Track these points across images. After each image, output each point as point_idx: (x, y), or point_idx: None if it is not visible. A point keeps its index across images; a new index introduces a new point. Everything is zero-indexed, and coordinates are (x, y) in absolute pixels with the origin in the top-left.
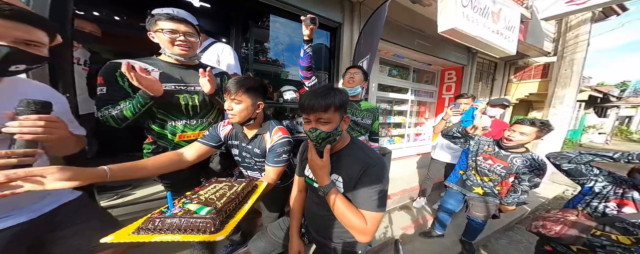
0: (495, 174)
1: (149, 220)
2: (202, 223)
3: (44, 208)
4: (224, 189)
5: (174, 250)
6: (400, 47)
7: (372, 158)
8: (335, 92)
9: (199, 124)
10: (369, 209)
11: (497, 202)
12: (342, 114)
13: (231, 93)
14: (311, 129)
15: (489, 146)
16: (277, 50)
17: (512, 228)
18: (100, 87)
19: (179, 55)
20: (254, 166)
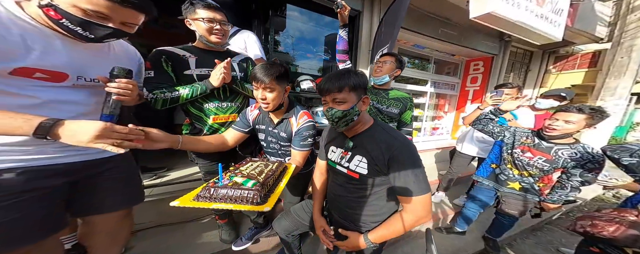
0: (535, 169)
1: (205, 189)
2: (249, 194)
3: (100, 154)
4: (261, 166)
5: (204, 229)
6: (423, 37)
7: (398, 139)
8: (351, 74)
9: (229, 108)
10: (414, 195)
11: (536, 199)
12: (360, 95)
13: (263, 82)
14: (328, 109)
15: (527, 137)
16: (294, 40)
17: (541, 228)
18: (148, 71)
19: (214, 43)
20: (278, 151)
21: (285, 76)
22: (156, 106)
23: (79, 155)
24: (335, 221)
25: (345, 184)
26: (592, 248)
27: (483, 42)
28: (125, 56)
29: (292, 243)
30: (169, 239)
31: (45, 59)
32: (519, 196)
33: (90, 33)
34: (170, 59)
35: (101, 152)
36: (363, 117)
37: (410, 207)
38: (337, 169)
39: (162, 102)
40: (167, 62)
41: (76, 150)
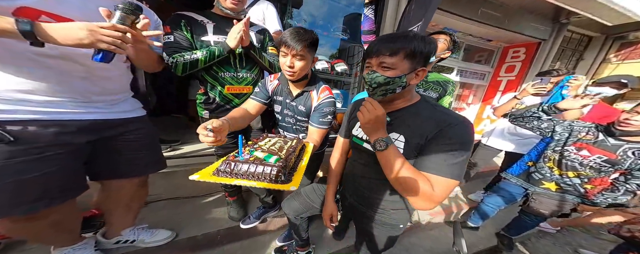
0: (590, 169)
1: (226, 163)
2: (273, 171)
3: (124, 114)
4: (280, 142)
5: (214, 206)
6: (458, 18)
7: (454, 117)
8: (414, 37)
9: (244, 78)
10: (441, 174)
11: (576, 201)
12: (415, 65)
13: (294, 48)
14: (369, 72)
15: (589, 132)
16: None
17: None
18: (168, 35)
19: (230, 9)
20: (293, 126)
21: (315, 44)
22: (177, 71)
23: (100, 112)
24: (349, 205)
25: (372, 164)
26: (631, 253)
27: (532, 25)
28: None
29: (300, 225)
30: (180, 212)
31: (54, 4)
32: (556, 197)
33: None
34: (190, 23)
35: (122, 112)
36: (409, 92)
37: (428, 181)
38: (362, 147)
39: (182, 66)
40: (186, 27)
41: (96, 107)
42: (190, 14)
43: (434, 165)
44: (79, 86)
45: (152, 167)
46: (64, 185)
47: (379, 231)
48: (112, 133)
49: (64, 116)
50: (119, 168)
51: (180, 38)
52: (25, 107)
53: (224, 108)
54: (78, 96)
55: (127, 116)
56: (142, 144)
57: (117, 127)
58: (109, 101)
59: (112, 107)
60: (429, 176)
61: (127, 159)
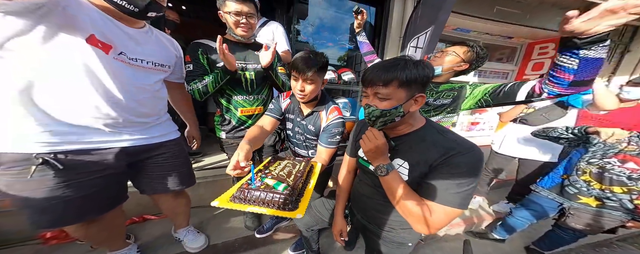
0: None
1: (240, 190)
2: (281, 199)
3: (159, 138)
4: (289, 166)
5: (232, 215)
6: (470, 18)
7: (461, 144)
8: (407, 64)
9: (255, 100)
10: (441, 202)
11: (625, 218)
12: (412, 93)
13: (304, 73)
14: (366, 105)
15: (631, 141)
16: (316, 28)
17: (608, 244)
18: (188, 64)
19: (240, 36)
20: (302, 143)
21: (325, 67)
22: (196, 97)
23: (135, 139)
24: (358, 222)
25: (377, 187)
26: None
27: (558, 19)
28: (168, 43)
29: (310, 237)
30: (202, 220)
31: (102, 31)
32: (597, 212)
33: (133, 5)
34: (206, 51)
35: (157, 136)
36: (411, 118)
37: (427, 207)
38: (368, 169)
39: (197, 92)
40: (203, 55)
41: (131, 133)
42: (206, 41)
43: (436, 193)
44: (117, 114)
45: (183, 184)
46: (106, 200)
47: (388, 248)
48: (146, 156)
49: (108, 145)
50: (153, 185)
51: (197, 66)
52: (71, 138)
53: (239, 129)
54: (116, 123)
55: (161, 140)
56: (173, 164)
57: (150, 151)
58: (142, 125)
59: (146, 131)
60: (430, 204)
61: (161, 177)
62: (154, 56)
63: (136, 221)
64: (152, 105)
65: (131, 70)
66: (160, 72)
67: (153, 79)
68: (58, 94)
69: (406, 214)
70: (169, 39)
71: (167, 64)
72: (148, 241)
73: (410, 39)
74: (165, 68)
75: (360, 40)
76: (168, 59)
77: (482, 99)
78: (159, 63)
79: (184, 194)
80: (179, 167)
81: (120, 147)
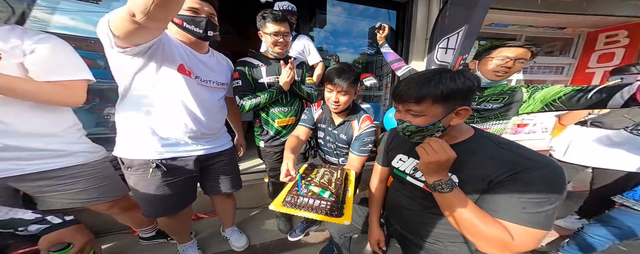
0: None
1: (290, 195)
2: (328, 205)
3: (221, 147)
4: (328, 174)
5: (267, 217)
6: (509, 13)
7: (532, 159)
8: (442, 78)
9: (289, 111)
10: (518, 222)
11: None
12: (452, 107)
13: (340, 86)
14: (399, 120)
15: None
16: (336, 35)
17: None
18: (236, 80)
19: (278, 53)
20: (333, 151)
21: (358, 79)
22: (243, 110)
23: (206, 148)
24: (395, 231)
25: (419, 199)
26: None
27: (628, 3)
28: (224, 63)
29: (342, 244)
30: (242, 222)
31: (185, 60)
32: None
33: (198, 27)
34: (251, 68)
35: (219, 146)
36: (454, 131)
37: (502, 228)
38: (406, 180)
39: (248, 107)
40: (249, 71)
41: (203, 143)
42: (249, 59)
43: (510, 212)
44: (197, 128)
45: (234, 187)
46: (187, 197)
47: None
48: (211, 162)
49: (190, 153)
50: (213, 187)
51: (245, 82)
52: (170, 148)
53: (276, 138)
54: (196, 136)
55: (222, 148)
56: (229, 169)
57: (214, 158)
58: (212, 136)
59: (214, 141)
60: (508, 225)
61: (219, 180)
62: (218, 76)
63: (193, 219)
64: (219, 119)
65: (205, 90)
66: (222, 90)
67: (218, 96)
68: (163, 113)
69: (475, 236)
70: (225, 58)
71: (226, 82)
72: (203, 237)
73: (440, 40)
74: (226, 86)
75: (384, 51)
76: (227, 77)
77: (553, 104)
78: (221, 82)
79: (232, 196)
80: (232, 172)
81: (197, 155)
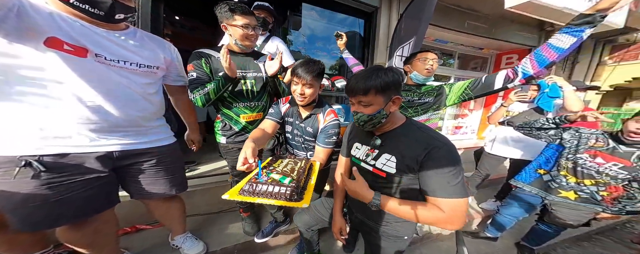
0: (606, 176)
1: (249, 183)
2: (288, 191)
3: (151, 144)
4: (291, 164)
5: (230, 221)
6: (446, 31)
7: (439, 139)
8: (381, 73)
9: (257, 106)
10: (448, 196)
11: (597, 209)
12: (389, 96)
13: (304, 79)
14: (354, 112)
15: (598, 139)
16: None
17: (588, 238)
18: (191, 73)
19: (247, 46)
20: (301, 145)
21: (322, 73)
22: (198, 104)
23: (121, 144)
24: (356, 218)
25: (370, 182)
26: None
27: (518, 34)
28: (156, 44)
29: (311, 237)
30: (199, 227)
31: (69, 35)
32: (575, 206)
33: (96, 9)
34: (209, 60)
35: (139, 143)
36: (393, 117)
37: (436, 206)
38: (361, 167)
39: (200, 100)
40: (206, 64)
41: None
42: (208, 51)
43: (438, 187)
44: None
45: (174, 188)
46: (97, 201)
47: (386, 243)
48: (133, 161)
49: (93, 149)
50: (142, 190)
51: (200, 74)
52: (56, 142)
53: (240, 134)
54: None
55: (152, 145)
56: (165, 170)
57: (138, 156)
58: (132, 129)
59: (137, 136)
60: (439, 201)
61: (151, 182)
62: (139, 58)
63: (128, 231)
64: (144, 109)
65: (115, 73)
66: (149, 74)
67: (141, 81)
68: (38, 100)
69: (427, 222)
70: (159, 40)
71: (155, 65)
72: (144, 250)
73: (396, 49)
74: (154, 70)
75: (345, 56)
76: (156, 60)
77: (464, 93)
78: (145, 65)
79: (177, 200)
80: (170, 173)
81: (106, 152)
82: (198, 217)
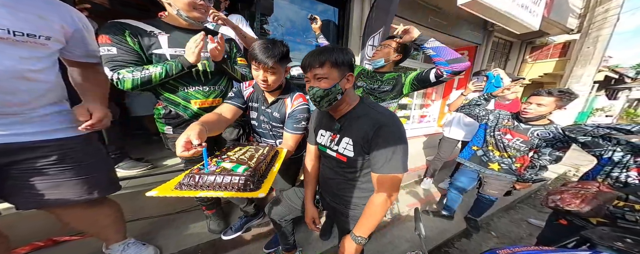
0: (513, 150)
1: (189, 176)
2: (241, 180)
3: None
4: (251, 151)
5: (192, 221)
6: (411, 24)
7: (386, 116)
8: (334, 49)
9: (212, 91)
10: (386, 172)
11: (513, 179)
12: (343, 73)
13: (266, 64)
14: (309, 88)
15: (508, 119)
16: (283, 26)
17: (514, 207)
18: (107, 46)
19: (196, 18)
20: (269, 132)
21: (286, 56)
22: (124, 87)
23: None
24: (327, 205)
25: (335, 168)
26: (560, 221)
27: (469, 32)
28: (49, 7)
29: (285, 228)
30: (149, 231)
31: None
32: (499, 177)
33: None
34: (137, 34)
35: (22, 134)
36: (348, 97)
37: (378, 186)
38: (327, 153)
39: (131, 82)
40: (132, 38)
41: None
42: (134, 22)
43: (379, 164)
44: None
45: (95, 192)
46: None
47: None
48: (17, 158)
49: None
50: (33, 198)
51: (124, 51)
52: None
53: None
54: None
55: (41, 138)
56: (69, 169)
57: (24, 152)
58: (10, 117)
59: (13, 126)
60: (377, 177)
61: (48, 186)
62: (9, 21)
63: (41, 246)
64: (21, 91)
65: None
66: (34, 45)
67: (18, 54)
68: None
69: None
70: (56, 3)
71: (43, 35)
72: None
73: (368, 38)
74: (43, 40)
75: (320, 42)
76: (44, 27)
77: (412, 84)
78: (26, 33)
79: (105, 204)
80: (84, 172)
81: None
82: (150, 220)
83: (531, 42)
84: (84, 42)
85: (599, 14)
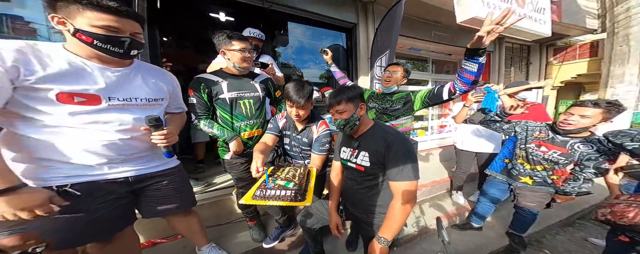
0: (550, 163)
1: (259, 189)
2: (292, 193)
3: (159, 168)
4: (292, 171)
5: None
6: (416, 40)
7: (392, 134)
8: (345, 89)
9: (255, 124)
10: (400, 180)
11: (551, 191)
12: (356, 104)
13: (299, 104)
14: (335, 120)
15: (541, 131)
16: (297, 53)
17: (572, 224)
18: (191, 97)
19: (245, 68)
20: (299, 154)
21: (312, 94)
22: (198, 127)
23: (134, 170)
24: (350, 214)
25: (355, 178)
26: (620, 237)
27: None
28: (159, 76)
29: (315, 236)
30: (214, 239)
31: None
32: (533, 189)
33: (117, 47)
34: (208, 85)
35: (155, 166)
36: (364, 121)
37: (396, 192)
38: (348, 165)
39: (203, 129)
40: (204, 89)
41: (131, 165)
42: (207, 76)
43: (393, 175)
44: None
45: (183, 206)
46: (117, 222)
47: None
48: (146, 184)
49: (106, 176)
50: (154, 209)
51: (199, 100)
52: (78, 172)
53: (242, 149)
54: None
55: (161, 168)
56: (173, 189)
57: (150, 179)
58: (144, 157)
59: (147, 163)
60: (394, 184)
61: (161, 202)
62: (146, 92)
63: (145, 246)
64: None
65: (126, 111)
66: (155, 106)
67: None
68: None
69: (405, 214)
70: (161, 72)
71: (160, 98)
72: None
73: (376, 59)
74: (160, 101)
75: (333, 70)
76: (160, 92)
77: (423, 101)
78: (152, 98)
79: (193, 214)
80: (181, 190)
81: (123, 178)
82: (209, 229)
83: (551, 44)
84: (176, 97)
85: (620, 13)
